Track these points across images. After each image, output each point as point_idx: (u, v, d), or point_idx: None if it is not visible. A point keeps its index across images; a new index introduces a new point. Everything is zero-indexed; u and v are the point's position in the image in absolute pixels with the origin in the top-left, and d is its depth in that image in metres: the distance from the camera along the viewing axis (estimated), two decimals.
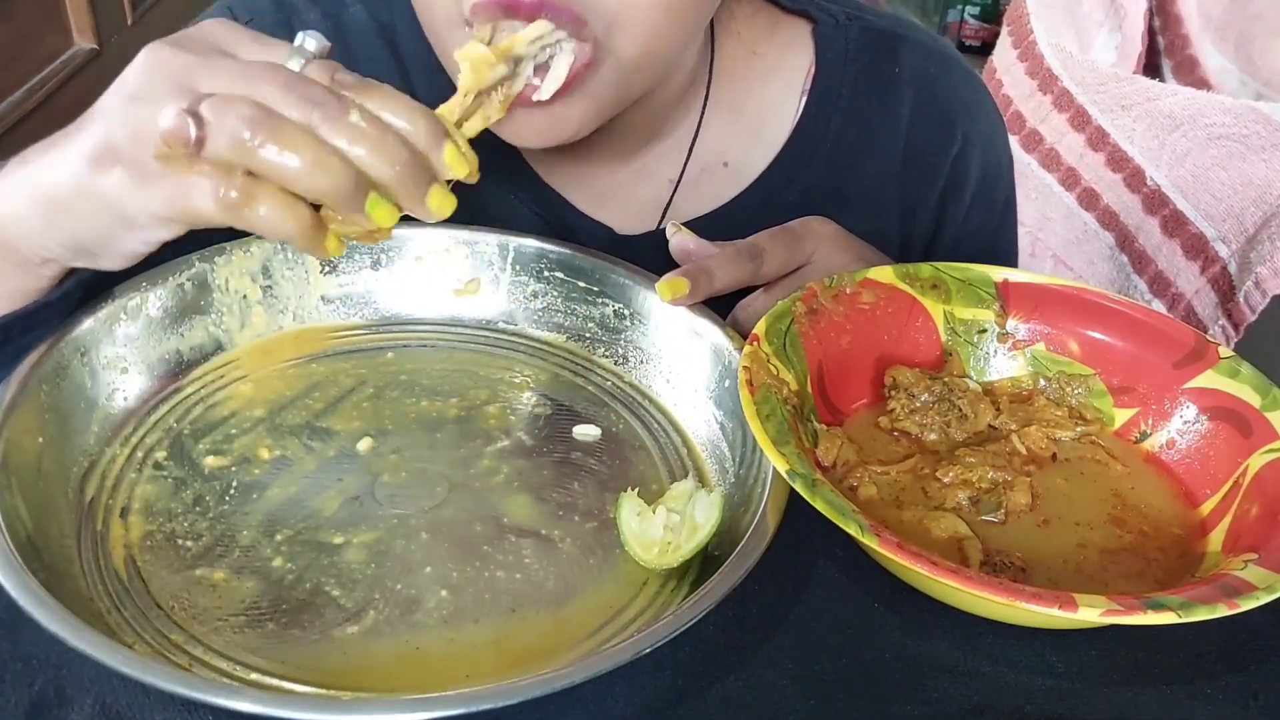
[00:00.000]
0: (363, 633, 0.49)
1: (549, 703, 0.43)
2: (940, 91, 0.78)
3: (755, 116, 0.77)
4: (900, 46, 0.78)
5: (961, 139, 0.78)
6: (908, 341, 0.63)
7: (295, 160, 0.44)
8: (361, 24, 0.74)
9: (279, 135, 0.44)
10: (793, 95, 0.77)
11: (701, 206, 0.76)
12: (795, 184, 0.76)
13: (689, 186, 0.76)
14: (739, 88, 0.76)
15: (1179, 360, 0.60)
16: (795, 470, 0.49)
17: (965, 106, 0.80)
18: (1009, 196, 0.85)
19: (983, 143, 0.80)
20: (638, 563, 0.53)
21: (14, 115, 1.64)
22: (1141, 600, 0.45)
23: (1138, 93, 1.24)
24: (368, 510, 0.55)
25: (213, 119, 0.44)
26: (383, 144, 0.46)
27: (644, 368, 0.65)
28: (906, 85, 0.77)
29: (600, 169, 0.75)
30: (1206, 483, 0.57)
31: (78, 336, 0.57)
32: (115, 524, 0.53)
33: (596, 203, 0.75)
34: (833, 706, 0.48)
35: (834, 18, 0.77)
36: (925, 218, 0.80)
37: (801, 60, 0.77)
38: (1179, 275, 1.26)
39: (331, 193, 0.45)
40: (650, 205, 0.76)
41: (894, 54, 0.78)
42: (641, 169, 0.76)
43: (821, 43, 0.77)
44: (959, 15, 2.59)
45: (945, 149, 0.78)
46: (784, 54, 0.77)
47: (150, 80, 0.47)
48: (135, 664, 0.42)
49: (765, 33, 0.77)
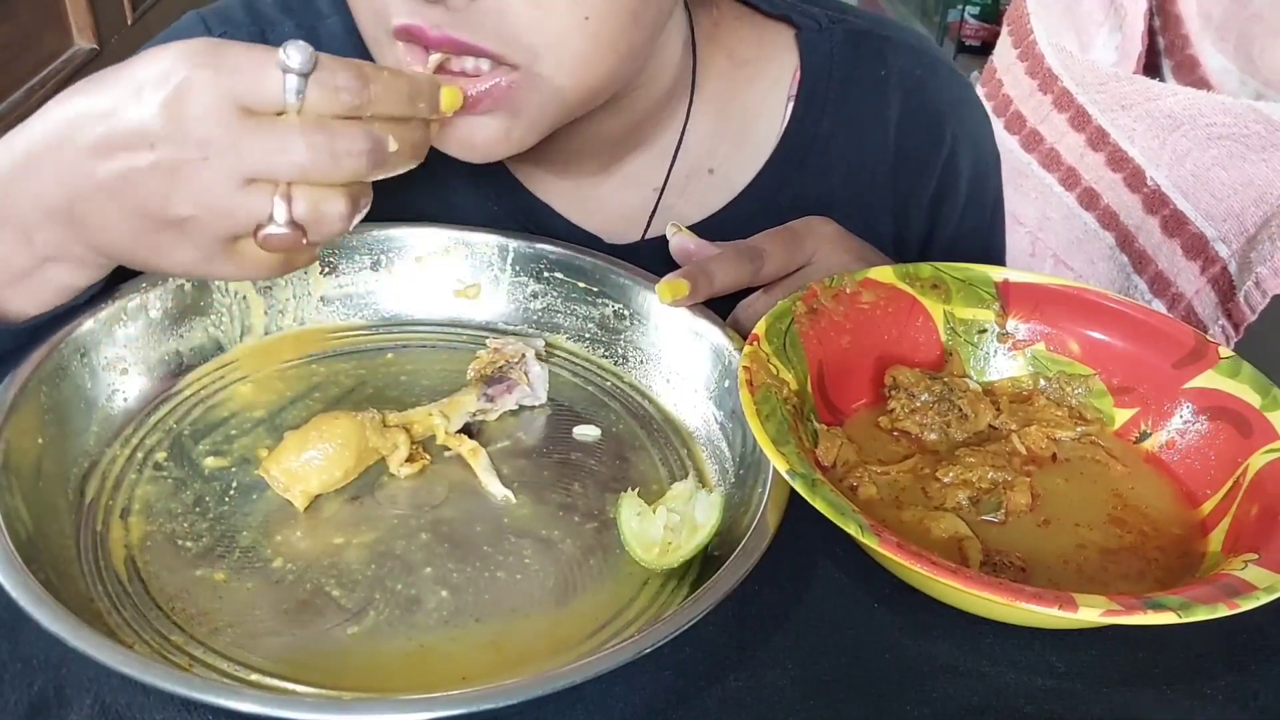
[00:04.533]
0: (363, 633, 0.49)
1: (549, 703, 0.43)
2: (927, 93, 0.78)
3: (741, 122, 0.77)
4: (885, 48, 0.78)
5: (951, 139, 0.78)
6: (908, 341, 0.63)
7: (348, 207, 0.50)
8: (339, 36, 0.72)
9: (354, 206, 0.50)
10: (779, 100, 0.76)
11: (690, 213, 0.75)
12: (787, 189, 0.76)
13: (675, 193, 0.76)
14: (723, 93, 0.76)
15: (1179, 360, 0.60)
16: (795, 470, 0.49)
17: (953, 107, 0.80)
18: (998, 195, 0.85)
19: (971, 142, 0.80)
20: (638, 563, 0.53)
21: (14, 115, 1.64)
22: (1141, 600, 0.45)
23: (1138, 92, 1.24)
24: (368, 510, 0.55)
25: (311, 223, 0.48)
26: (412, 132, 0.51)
27: (644, 368, 0.65)
28: (894, 88, 0.77)
29: (584, 179, 0.75)
30: (1206, 483, 0.57)
31: (78, 337, 0.57)
32: (115, 524, 0.53)
33: (583, 212, 0.75)
34: (833, 706, 0.48)
35: (816, 21, 0.77)
36: (918, 219, 0.80)
37: (786, 65, 0.77)
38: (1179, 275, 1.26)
39: None
40: (638, 213, 0.76)
41: (879, 56, 0.77)
42: (627, 177, 0.76)
43: (806, 47, 0.76)
44: (959, 15, 2.59)
45: (935, 150, 0.78)
46: (768, 59, 0.77)
47: (206, 153, 0.46)
48: (135, 664, 0.42)
49: (749, 39, 0.77)
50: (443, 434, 0.59)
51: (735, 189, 0.76)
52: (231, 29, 0.73)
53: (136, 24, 1.95)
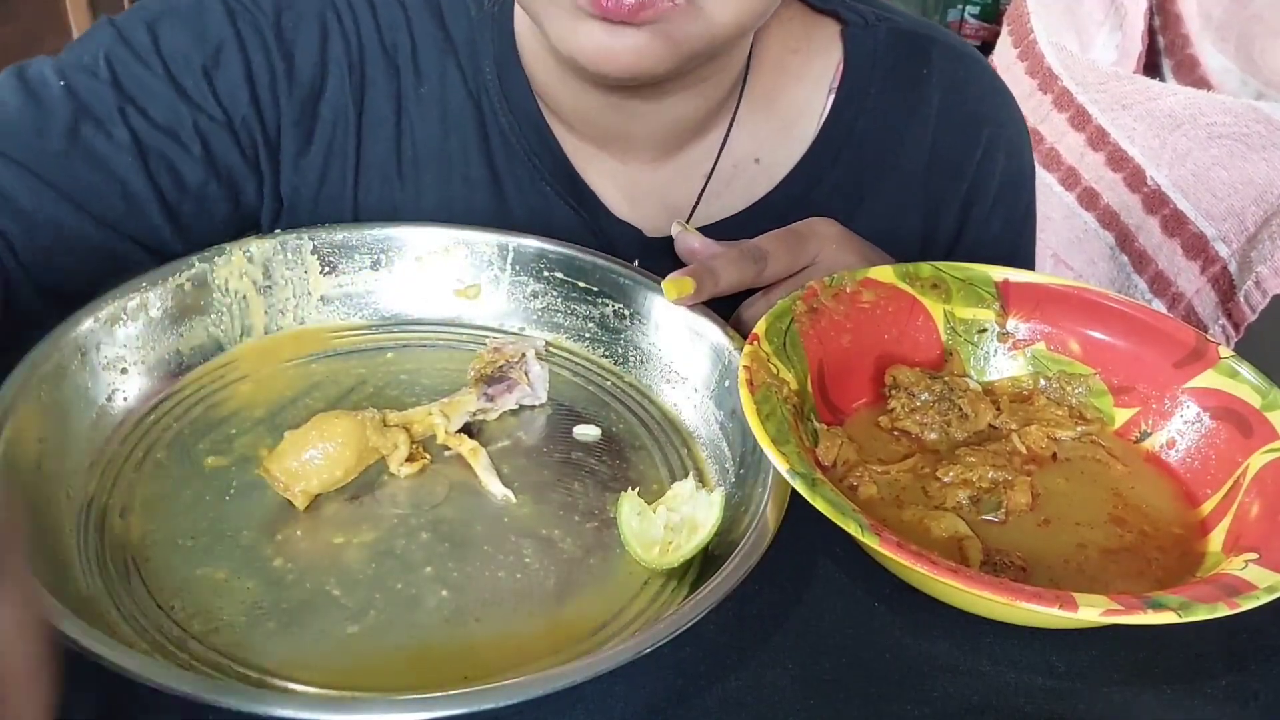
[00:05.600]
0: (363, 632, 0.49)
1: (549, 703, 0.43)
2: (968, 95, 0.79)
3: (786, 114, 0.77)
4: (930, 48, 0.78)
5: (986, 142, 0.79)
6: (908, 341, 0.63)
7: None
8: (418, 1, 0.73)
9: None
10: (821, 94, 0.77)
11: (734, 204, 0.76)
12: (823, 183, 0.76)
13: (721, 184, 0.76)
14: (772, 85, 0.77)
15: (1179, 360, 0.60)
16: (795, 470, 0.49)
17: (992, 112, 0.80)
18: (1030, 205, 0.85)
19: (1007, 148, 0.81)
20: (638, 563, 0.53)
21: None
22: (1141, 600, 0.45)
23: (1138, 92, 1.24)
24: (368, 510, 0.55)
25: None
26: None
27: (644, 368, 0.65)
28: (934, 87, 0.78)
29: (640, 167, 0.76)
30: (1207, 482, 0.57)
31: (78, 337, 0.57)
32: (115, 523, 0.52)
33: (630, 203, 0.76)
34: (833, 706, 0.48)
35: (863, 18, 0.78)
36: (949, 220, 0.80)
37: (831, 60, 0.77)
38: (1179, 275, 1.26)
39: None
40: (684, 202, 0.77)
41: (924, 55, 0.78)
42: (679, 168, 0.76)
43: (850, 43, 0.77)
44: (959, 15, 2.59)
45: (970, 152, 0.79)
46: (815, 52, 0.78)
47: None
48: (135, 663, 0.42)
49: (801, 32, 0.78)
50: (443, 433, 0.59)
51: (775, 180, 0.76)
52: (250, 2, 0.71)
53: None
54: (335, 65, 0.71)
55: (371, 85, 0.72)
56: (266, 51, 0.69)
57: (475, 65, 0.73)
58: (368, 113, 0.72)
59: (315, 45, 0.70)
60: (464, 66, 0.73)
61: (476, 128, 0.73)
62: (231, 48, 0.68)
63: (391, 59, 0.72)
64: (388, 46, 0.72)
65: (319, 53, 0.71)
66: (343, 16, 0.71)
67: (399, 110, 0.73)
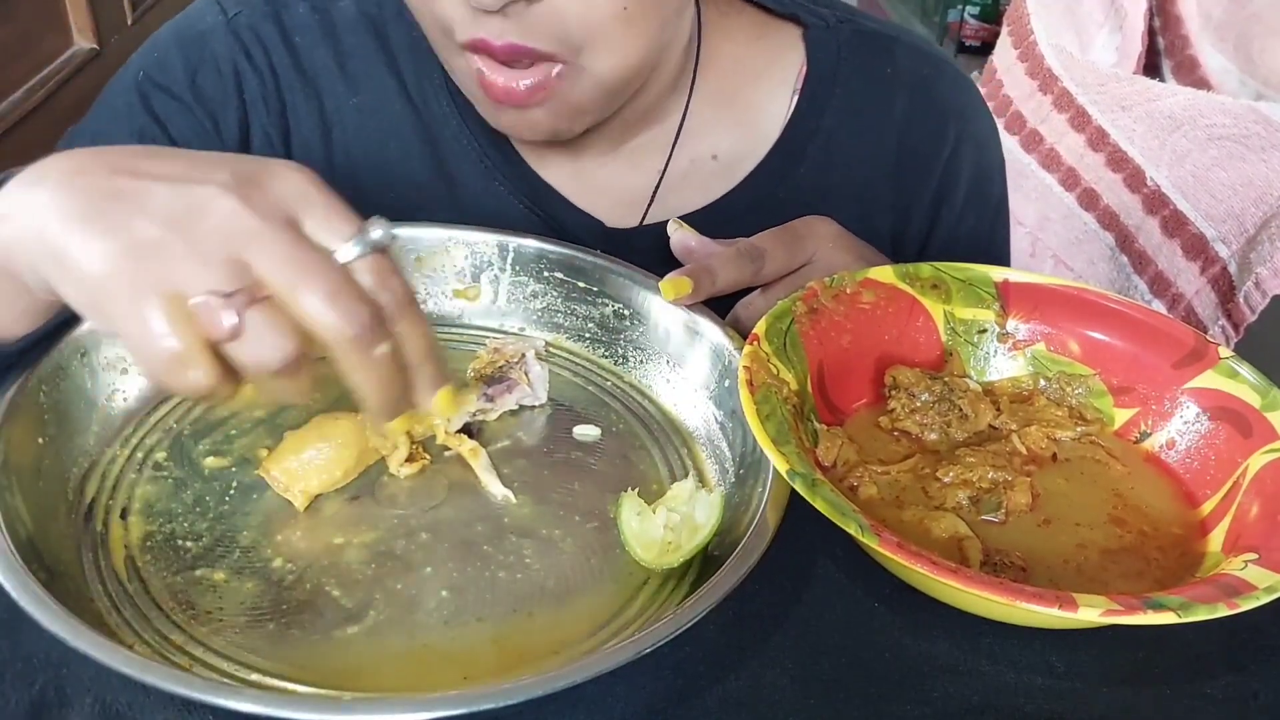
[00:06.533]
0: (363, 633, 0.49)
1: (549, 703, 0.43)
2: (934, 93, 0.79)
3: (745, 114, 0.77)
4: (894, 48, 0.79)
5: (954, 139, 0.79)
6: (908, 341, 0.63)
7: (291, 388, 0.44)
8: (351, 18, 0.74)
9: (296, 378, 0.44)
10: (784, 94, 0.77)
11: (691, 200, 0.76)
12: (787, 181, 0.76)
13: (677, 178, 0.77)
14: (726, 82, 0.77)
15: (1179, 360, 0.60)
16: (795, 470, 0.49)
17: (958, 109, 0.80)
18: (1001, 199, 0.85)
19: (975, 144, 0.81)
20: (638, 563, 0.53)
21: (14, 115, 1.64)
22: (1141, 600, 0.45)
23: (1138, 93, 1.24)
24: (368, 510, 0.55)
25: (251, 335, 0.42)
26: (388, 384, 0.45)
27: (644, 368, 0.65)
28: (900, 86, 0.78)
29: (590, 159, 0.76)
30: (1206, 483, 0.57)
31: (78, 337, 0.57)
32: (115, 524, 0.53)
33: (587, 195, 0.76)
34: (832, 707, 0.48)
35: (824, 20, 0.78)
36: (919, 217, 0.80)
37: (792, 61, 0.78)
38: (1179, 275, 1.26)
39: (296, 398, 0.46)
40: (640, 196, 0.77)
41: (888, 55, 0.78)
42: (632, 161, 0.77)
43: (812, 44, 0.77)
44: (959, 15, 2.59)
45: (938, 150, 0.79)
46: (774, 56, 0.78)
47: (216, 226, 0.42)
48: (135, 664, 0.42)
49: (754, 33, 0.78)
50: (443, 434, 0.59)
51: (737, 178, 0.76)
52: (246, 9, 0.74)
53: (136, 24, 1.95)
54: (254, 105, 0.74)
55: (292, 112, 0.74)
56: (191, 117, 0.72)
57: (420, 71, 0.74)
58: (294, 135, 0.75)
59: (233, 93, 0.73)
60: (405, 74, 0.74)
61: (418, 131, 0.74)
62: (153, 130, 0.71)
63: (311, 80, 0.74)
64: (305, 69, 0.74)
65: (237, 97, 0.73)
66: (252, 53, 0.73)
67: (325, 127, 0.75)
